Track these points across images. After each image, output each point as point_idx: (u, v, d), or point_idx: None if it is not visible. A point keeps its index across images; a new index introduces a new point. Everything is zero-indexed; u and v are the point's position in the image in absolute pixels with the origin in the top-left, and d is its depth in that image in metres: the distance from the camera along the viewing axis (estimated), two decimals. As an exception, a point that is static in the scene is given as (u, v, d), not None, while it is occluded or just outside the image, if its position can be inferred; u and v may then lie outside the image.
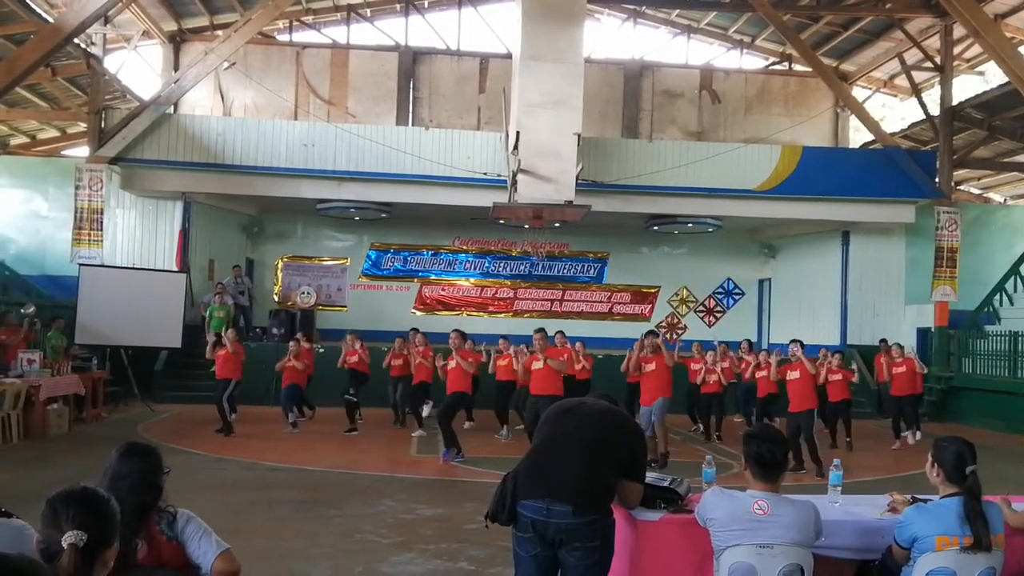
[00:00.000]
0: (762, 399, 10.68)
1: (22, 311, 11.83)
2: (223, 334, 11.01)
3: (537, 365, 8.57)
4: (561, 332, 10.88)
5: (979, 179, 19.39)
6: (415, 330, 11.85)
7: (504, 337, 11.63)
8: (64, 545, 1.70)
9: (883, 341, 12.88)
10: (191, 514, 2.48)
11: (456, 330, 9.39)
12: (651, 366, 8.51)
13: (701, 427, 11.45)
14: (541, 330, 8.94)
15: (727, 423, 11.53)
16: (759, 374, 10.39)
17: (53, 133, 17.41)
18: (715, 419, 11.02)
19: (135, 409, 12.18)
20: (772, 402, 10.50)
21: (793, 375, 8.63)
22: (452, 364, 8.94)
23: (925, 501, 3.16)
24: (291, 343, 11.12)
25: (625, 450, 3.02)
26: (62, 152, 17.58)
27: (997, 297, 15.15)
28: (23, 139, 17.11)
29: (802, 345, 8.88)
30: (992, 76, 16.17)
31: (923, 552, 2.81)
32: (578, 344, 11.27)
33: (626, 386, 10.87)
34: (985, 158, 16.88)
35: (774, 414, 10.34)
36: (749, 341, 13.22)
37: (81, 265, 12.71)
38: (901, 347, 11.49)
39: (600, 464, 2.90)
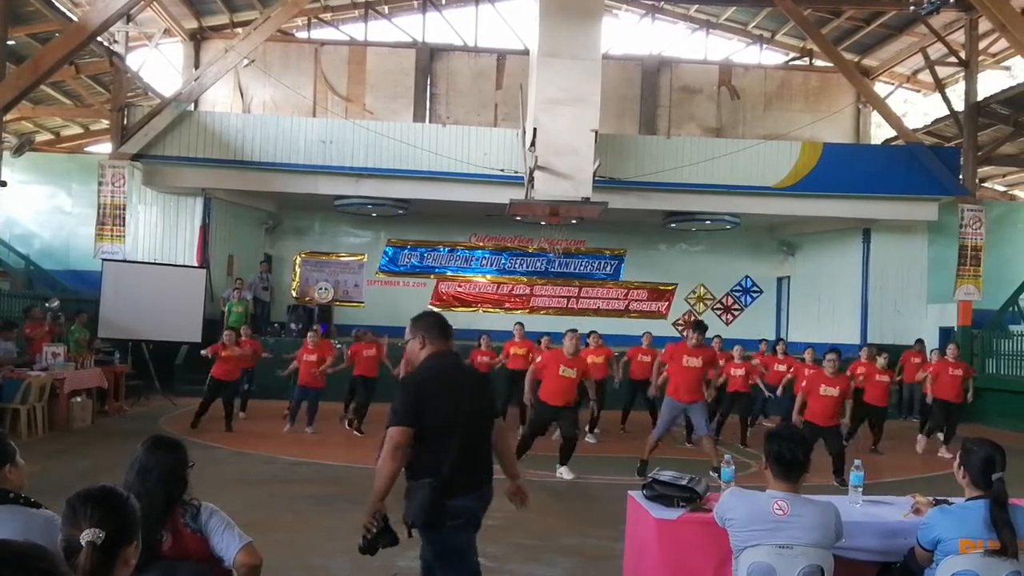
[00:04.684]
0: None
1: (46, 305, 12.02)
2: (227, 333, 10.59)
3: (567, 372, 7.60)
4: (595, 332, 10.73)
5: (1004, 176, 19.06)
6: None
7: (519, 323, 11.37)
8: (83, 542, 1.73)
9: (919, 341, 12.61)
10: (214, 507, 2.52)
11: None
12: (696, 360, 7.61)
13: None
14: (574, 331, 8.00)
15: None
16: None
17: (77, 130, 17.62)
18: (740, 421, 10.16)
19: (156, 403, 12.33)
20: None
21: (831, 391, 7.52)
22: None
23: (948, 503, 3.13)
24: (309, 335, 10.55)
25: (493, 404, 3.42)
26: (85, 149, 17.80)
27: (1022, 296, 14.90)
28: (47, 136, 17.33)
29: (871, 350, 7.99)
30: (1019, 71, 15.90)
31: (946, 555, 2.78)
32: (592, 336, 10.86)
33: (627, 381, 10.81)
34: (1011, 155, 16.57)
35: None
36: (784, 342, 11.91)
37: (104, 260, 12.87)
38: (958, 346, 10.74)
39: (490, 432, 3.27)
